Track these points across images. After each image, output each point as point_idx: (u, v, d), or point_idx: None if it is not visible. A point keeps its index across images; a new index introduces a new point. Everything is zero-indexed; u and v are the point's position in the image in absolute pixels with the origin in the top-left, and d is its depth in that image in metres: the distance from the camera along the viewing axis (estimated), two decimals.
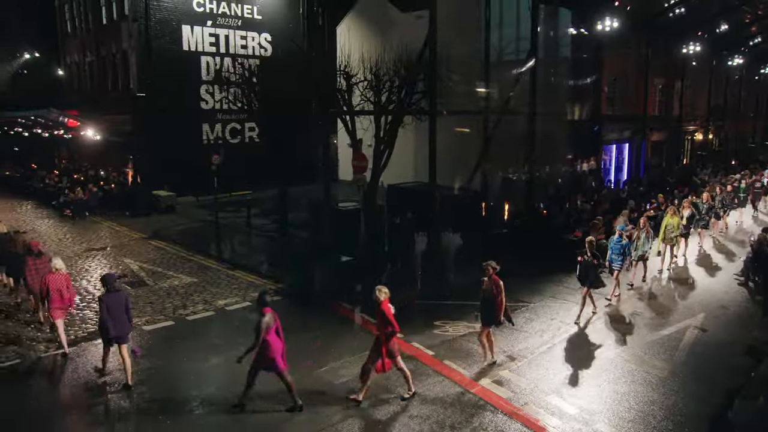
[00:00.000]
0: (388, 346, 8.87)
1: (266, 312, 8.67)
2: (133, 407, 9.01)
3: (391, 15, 28.09)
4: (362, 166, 15.21)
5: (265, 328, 8.52)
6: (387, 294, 9.04)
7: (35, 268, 11.91)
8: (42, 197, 29.05)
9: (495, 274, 10.25)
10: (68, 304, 10.89)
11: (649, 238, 14.33)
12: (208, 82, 28.69)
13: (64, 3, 35.00)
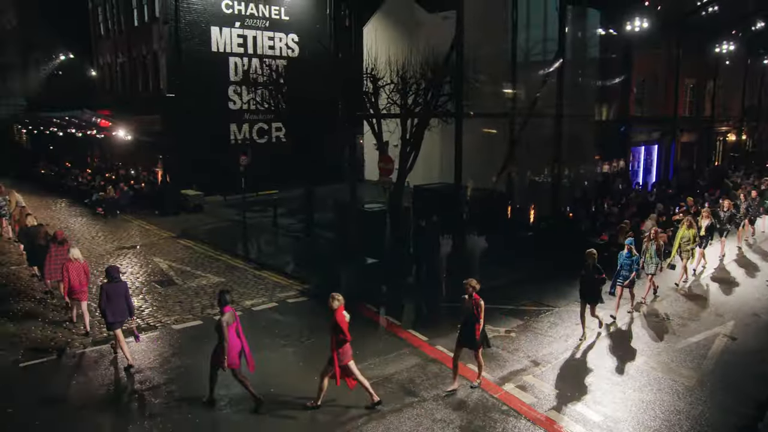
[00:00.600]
0: (338, 353, 8.77)
1: (226, 311, 8.91)
2: (163, 405, 9.22)
3: (418, 15, 28.11)
4: (388, 168, 15.29)
5: (225, 326, 8.74)
6: (341, 302, 8.97)
7: (55, 255, 12.91)
8: (75, 195, 29.75)
9: (476, 293, 9.38)
10: (85, 289, 11.84)
11: (660, 254, 13.52)
12: (236, 82, 29.05)
13: (97, 5, 35.77)
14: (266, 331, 12.03)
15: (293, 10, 30.61)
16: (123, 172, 31.26)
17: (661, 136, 30.25)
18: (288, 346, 11.40)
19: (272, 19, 30.03)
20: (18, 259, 17.42)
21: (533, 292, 13.81)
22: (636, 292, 13.11)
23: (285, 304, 13.72)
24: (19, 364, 10.67)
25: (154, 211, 25.54)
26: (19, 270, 16.57)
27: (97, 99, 37.40)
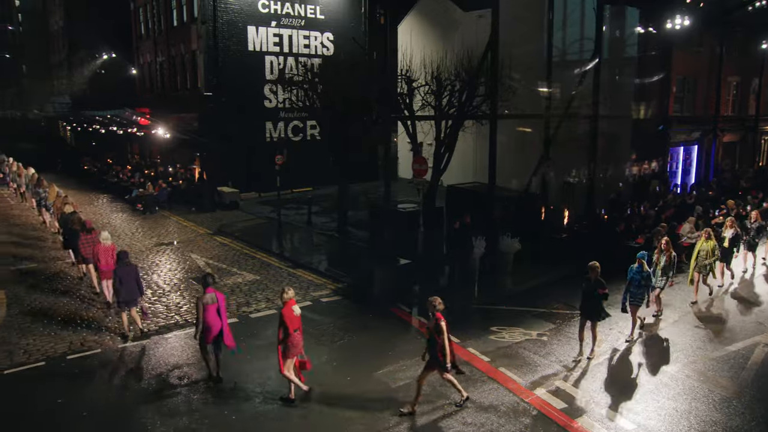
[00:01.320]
0: (285, 345, 9.11)
1: (207, 292, 9.81)
2: (200, 401, 9.50)
3: (453, 14, 28.02)
4: (422, 169, 15.34)
5: (204, 305, 9.68)
6: (291, 296, 9.34)
7: (87, 242, 14.24)
8: (116, 191, 30.64)
9: (439, 312, 8.81)
10: (111, 268, 12.46)
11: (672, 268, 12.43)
12: (271, 81, 29.42)
13: (139, 7, 36.63)
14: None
15: (329, 8, 30.84)
16: (161, 169, 32.03)
17: (702, 135, 29.52)
18: (322, 345, 11.58)
19: (308, 18, 30.31)
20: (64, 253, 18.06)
21: (566, 296, 13.70)
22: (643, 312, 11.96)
23: (319, 303, 13.93)
24: (66, 356, 11.13)
25: (191, 207, 26.14)
26: (63, 261, 17.22)
27: (137, 97, 38.36)
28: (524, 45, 23.48)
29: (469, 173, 24.74)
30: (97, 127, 38.32)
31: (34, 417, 9.08)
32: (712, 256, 13.45)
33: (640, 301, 11.39)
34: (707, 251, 13.41)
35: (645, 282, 11.32)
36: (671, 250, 12.48)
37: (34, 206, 24.75)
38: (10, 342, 11.82)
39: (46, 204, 21.86)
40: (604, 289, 10.36)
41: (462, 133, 16.57)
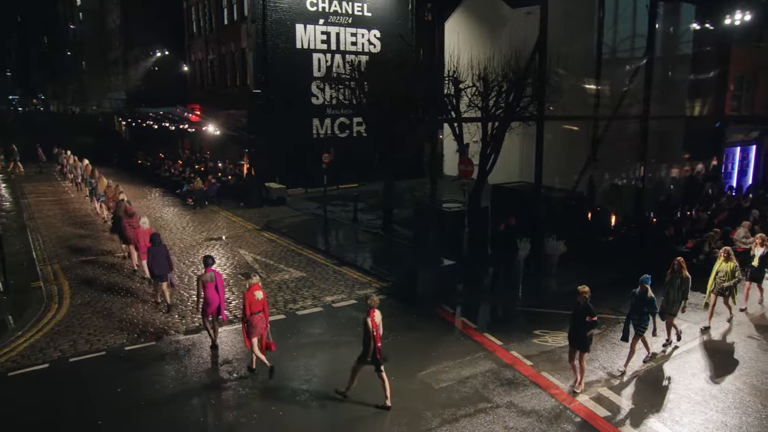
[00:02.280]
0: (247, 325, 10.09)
1: (208, 271, 11.21)
2: (248, 396, 9.87)
3: (501, 11, 27.81)
4: (468, 170, 15.38)
5: (203, 282, 11.09)
6: (256, 281, 10.27)
7: (129, 226, 16.12)
8: (168, 185, 31.65)
9: (372, 308, 9.26)
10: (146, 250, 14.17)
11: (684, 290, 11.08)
12: (319, 78, 29.82)
13: (191, 5, 37.61)
14: (345, 329, 12.51)
15: (376, 6, 31.00)
16: (211, 164, 32.87)
17: (761, 135, 28.45)
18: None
19: (355, 16, 30.55)
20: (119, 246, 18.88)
21: (611, 301, 13.54)
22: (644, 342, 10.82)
23: (364, 302, 14.13)
24: (124, 347, 11.71)
25: (239, 202, 26.80)
26: (116, 255, 17.99)
27: (188, 93, 39.45)
28: (573, 42, 23.16)
29: (515, 172, 24.60)
30: (150, 123, 39.58)
31: (97, 404, 9.60)
32: (732, 278, 12.13)
33: (643, 330, 10.42)
34: (726, 272, 12.13)
35: (648, 309, 10.30)
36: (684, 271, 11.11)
37: (88, 194, 27.11)
38: (73, 331, 12.49)
39: (97, 193, 23.71)
40: (593, 316, 9.45)
41: (508, 133, 16.52)
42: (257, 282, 10.34)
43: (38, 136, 47.77)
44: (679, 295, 11.10)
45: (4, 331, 12.54)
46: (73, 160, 32.75)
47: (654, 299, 10.32)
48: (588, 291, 9.56)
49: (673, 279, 11.21)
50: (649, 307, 10.31)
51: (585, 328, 9.50)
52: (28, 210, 26.05)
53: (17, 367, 10.90)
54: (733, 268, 12.13)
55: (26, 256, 18.40)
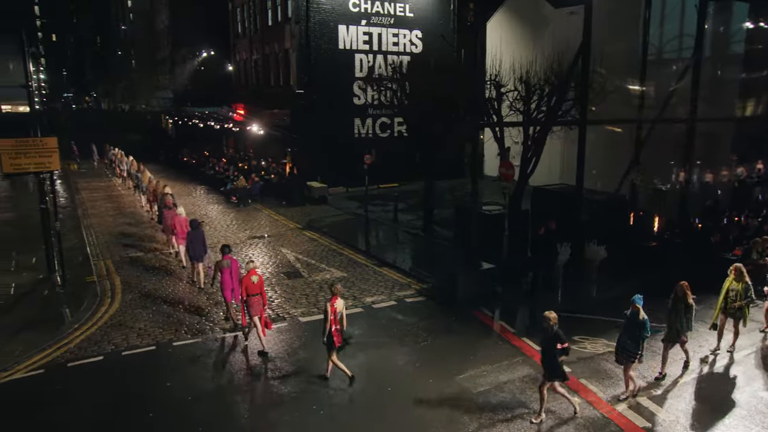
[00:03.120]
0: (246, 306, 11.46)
1: (225, 258, 12.63)
2: (290, 395, 10.19)
3: (543, 11, 27.56)
4: (509, 173, 15.39)
5: (220, 267, 12.58)
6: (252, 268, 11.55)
7: (169, 215, 17.83)
8: (212, 183, 32.48)
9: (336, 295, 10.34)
10: (183, 236, 16.20)
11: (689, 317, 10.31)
12: (360, 78, 30.12)
13: (236, 7, 38.43)
14: (385, 330, 12.75)
15: (418, 6, 31.10)
16: (255, 163, 33.55)
17: None
18: (405, 346, 12.01)
19: (397, 16, 30.72)
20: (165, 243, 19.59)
21: (653, 309, 13.26)
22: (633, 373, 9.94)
23: (403, 303, 14.38)
24: (173, 342, 12.21)
25: (281, 201, 27.34)
26: (164, 252, 18.66)
27: (233, 93, 40.34)
28: (617, 42, 22.86)
29: (556, 173, 24.38)
30: (196, 122, 40.63)
31: (147, 398, 10.09)
32: (744, 298, 11.10)
33: (631, 356, 9.48)
34: (737, 292, 11.08)
35: (639, 332, 9.34)
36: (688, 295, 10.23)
37: (132, 187, 29.65)
38: (125, 326, 13.09)
39: (141, 186, 25.78)
40: (563, 343, 8.88)
41: (549, 136, 16.46)
42: (254, 268, 11.63)
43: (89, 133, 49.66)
44: (684, 325, 10.26)
45: (62, 324, 13.23)
46: (120, 155, 35.12)
47: (646, 322, 9.31)
48: (555, 318, 9.01)
49: (676, 305, 10.28)
50: (640, 330, 9.33)
51: (554, 355, 8.95)
52: (82, 206, 27.17)
53: (75, 358, 11.52)
54: (745, 287, 11.08)
55: (81, 251, 19.25)
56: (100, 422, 9.46)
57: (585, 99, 15.35)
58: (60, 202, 27.82)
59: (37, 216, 18.46)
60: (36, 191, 17.54)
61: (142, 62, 71.69)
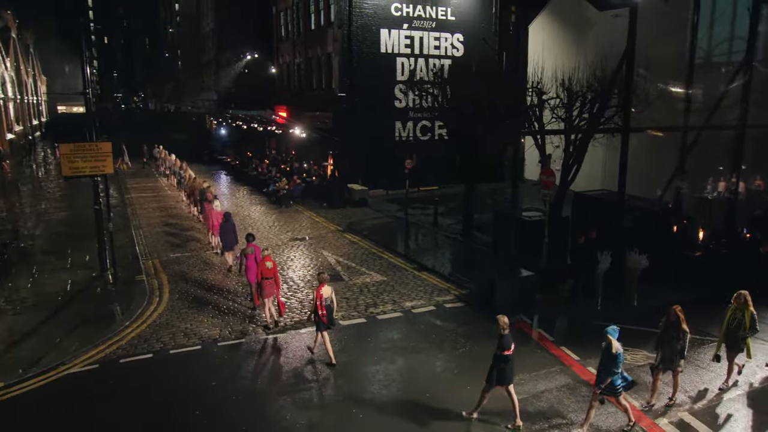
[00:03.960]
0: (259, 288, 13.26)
1: (249, 246, 14.19)
2: (330, 397, 10.47)
3: (587, 13, 27.25)
4: (550, 181, 15.35)
5: (245, 254, 14.17)
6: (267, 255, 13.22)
7: (207, 208, 19.93)
8: (255, 184, 33.18)
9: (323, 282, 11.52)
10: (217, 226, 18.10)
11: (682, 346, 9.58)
12: (402, 82, 30.31)
13: (280, 11, 39.13)
14: (424, 335, 12.91)
15: (459, 9, 31.12)
16: (296, 164, 34.12)
17: None
18: (444, 352, 12.14)
19: (439, 20, 30.81)
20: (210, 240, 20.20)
21: (696, 320, 13.04)
22: None
23: (442, 309, 14.52)
24: (217, 342, 12.65)
25: (322, 203, 27.75)
26: (209, 251, 19.22)
27: (275, 95, 41.07)
28: (663, 45, 22.44)
29: (597, 179, 24.11)
30: (239, 123, 41.52)
31: (194, 395, 10.50)
32: (749, 328, 10.20)
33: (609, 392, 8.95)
34: (741, 322, 10.22)
35: (614, 367, 8.76)
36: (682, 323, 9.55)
37: (175, 184, 31.99)
38: (172, 325, 13.60)
39: (183, 183, 27.92)
40: (503, 350, 8.93)
41: (591, 143, 16.34)
42: (268, 255, 13.24)
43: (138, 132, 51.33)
44: (677, 353, 9.64)
45: (113, 321, 13.83)
46: (164, 154, 37.73)
47: (619, 356, 8.73)
48: (505, 323, 9.10)
49: (668, 330, 9.70)
50: (611, 365, 8.78)
51: (496, 361, 9.16)
52: (131, 205, 28.15)
53: (127, 355, 12.06)
54: (751, 316, 10.18)
55: (131, 250, 20.00)
56: (151, 418, 9.89)
57: (628, 106, 15.16)
58: (111, 202, 29.01)
59: (88, 215, 19.48)
60: (87, 190, 18.36)
61: (188, 64, 73.61)
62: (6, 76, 43.34)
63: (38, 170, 41.43)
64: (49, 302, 14.99)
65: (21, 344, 12.58)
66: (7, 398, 10.43)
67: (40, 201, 29.64)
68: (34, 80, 67.46)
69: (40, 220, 24.97)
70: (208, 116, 56.96)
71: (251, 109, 42.41)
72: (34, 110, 65.67)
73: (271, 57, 42.40)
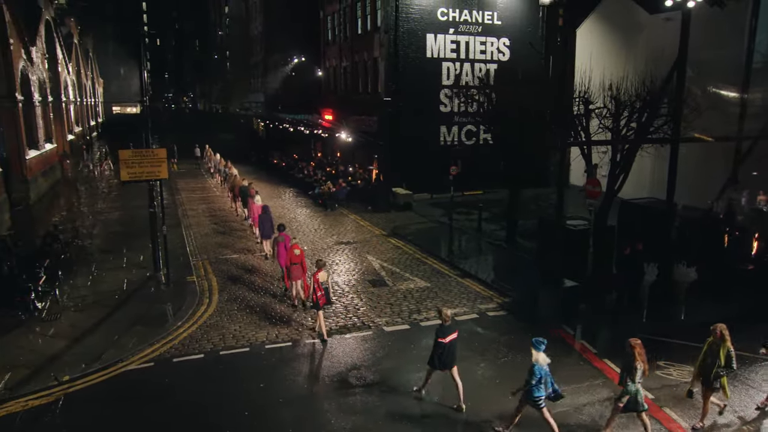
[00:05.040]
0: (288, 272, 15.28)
1: (281, 234, 16.51)
2: (374, 403, 10.72)
3: (637, 17, 26.76)
4: (595, 191, 15.23)
5: (277, 242, 16.74)
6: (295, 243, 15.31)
7: (249, 203, 22.48)
8: (300, 186, 33.80)
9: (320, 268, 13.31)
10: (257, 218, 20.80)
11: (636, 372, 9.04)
12: (447, 86, 30.40)
13: (327, 15, 39.70)
14: (466, 343, 12.97)
15: (506, 14, 30.98)
16: (342, 168, 34.60)
17: None
18: (486, 361, 12.27)
19: (485, 24, 30.74)
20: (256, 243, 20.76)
21: (748, 336, 12.81)
22: None
23: (485, 317, 14.61)
24: (264, 345, 13.08)
25: (367, 206, 28.10)
26: (256, 254, 19.77)
27: (321, 98, 41.68)
28: (716, 49, 21.91)
29: (645, 186, 23.71)
30: (286, 125, 42.33)
31: (242, 396, 10.92)
32: (724, 366, 9.51)
33: (530, 404, 9.14)
34: (718, 357, 9.54)
35: (529, 378, 8.99)
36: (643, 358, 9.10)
37: (220, 182, 34.52)
38: (222, 326, 14.12)
39: (228, 180, 30.06)
40: (443, 338, 9.86)
41: (639, 153, 16.13)
42: (296, 243, 15.24)
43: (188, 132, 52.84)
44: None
45: (166, 321, 14.45)
46: (210, 153, 41.10)
47: (534, 367, 8.93)
48: (449, 315, 10.33)
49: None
50: (528, 375, 9.01)
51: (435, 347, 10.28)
52: (182, 206, 29.13)
53: (179, 354, 12.61)
54: (727, 352, 9.54)
55: (182, 250, 20.74)
56: (202, 418, 10.34)
57: (679, 116, 14.93)
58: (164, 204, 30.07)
59: (142, 214, 20.41)
60: (139, 190, 19.19)
61: (236, 66, 75.29)
62: (68, 81, 45.30)
63: (94, 170, 43.15)
64: (107, 300, 15.76)
65: (82, 340, 13.29)
66: (72, 391, 11.09)
67: (96, 200, 30.97)
68: (92, 83, 70.18)
69: (97, 219, 26.12)
70: (256, 118, 58.16)
71: (298, 111, 43.15)
72: (92, 111, 68.27)
73: (317, 60, 43.04)
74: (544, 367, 9.02)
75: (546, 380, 9.06)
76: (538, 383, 8.99)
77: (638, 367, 8.99)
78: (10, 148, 26.05)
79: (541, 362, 9.00)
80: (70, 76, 46.51)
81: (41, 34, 33.27)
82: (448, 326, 10.23)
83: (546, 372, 9.04)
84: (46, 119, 32.68)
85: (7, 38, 24.09)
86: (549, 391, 9.17)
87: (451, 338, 10.17)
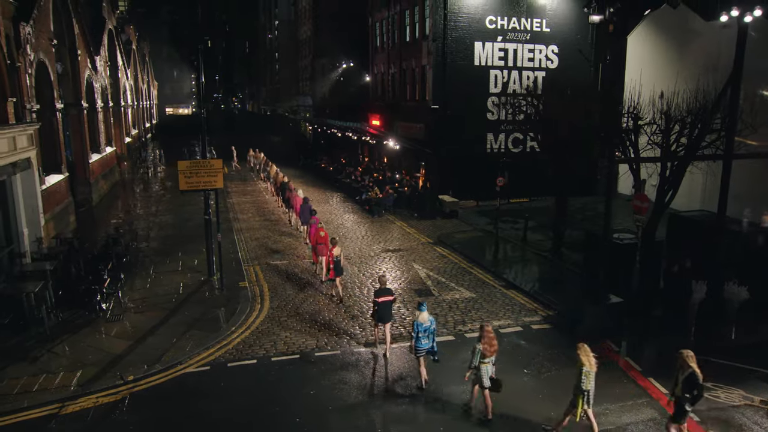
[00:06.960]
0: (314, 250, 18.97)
1: (312, 218, 20.20)
2: (419, 413, 11.07)
3: (692, 24, 26.17)
4: (643, 206, 15.18)
5: (309, 225, 20.02)
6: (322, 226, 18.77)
7: (291, 196, 25.37)
8: (348, 191, 34.39)
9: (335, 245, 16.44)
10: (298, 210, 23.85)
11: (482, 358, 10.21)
12: (495, 94, 30.43)
13: (376, 22, 40.20)
14: (510, 356, 13.21)
15: (555, 21, 30.80)
16: (389, 174, 35.03)
17: None
18: (529, 375, 12.47)
19: (533, 32, 30.64)
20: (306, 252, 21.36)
21: None
22: None
23: (529, 330, 14.77)
24: (314, 352, 13.59)
25: (413, 213, 28.44)
26: (305, 260, 20.36)
27: (369, 104, 42.22)
28: None
29: (696, 199, 23.29)
30: (334, 131, 43.08)
31: (294, 403, 11.44)
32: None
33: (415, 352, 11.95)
34: (587, 374, 9.58)
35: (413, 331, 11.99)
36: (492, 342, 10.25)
37: (263, 179, 37.61)
38: (273, 333, 14.71)
39: (270, 178, 33.76)
40: (377, 297, 13.32)
41: (689, 169, 15.97)
42: (322, 226, 18.68)
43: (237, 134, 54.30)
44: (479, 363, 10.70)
45: (221, 326, 15.13)
46: (254, 153, 44.84)
47: (414, 324, 11.84)
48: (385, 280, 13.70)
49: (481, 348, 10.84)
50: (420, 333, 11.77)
51: None
52: (233, 210, 30.08)
53: (234, 359, 13.25)
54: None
55: (234, 255, 21.53)
56: (257, 422, 10.91)
57: (732, 132, 14.73)
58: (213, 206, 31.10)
59: (196, 218, 21.35)
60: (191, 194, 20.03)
61: (285, 69, 76.71)
62: (127, 85, 47.26)
63: (148, 171, 44.90)
64: (165, 303, 16.62)
65: (143, 341, 14.11)
66: (136, 391, 11.84)
67: (150, 203, 32.28)
68: (148, 86, 72.78)
69: (153, 221, 27.30)
70: (304, 122, 59.21)
71: (345, 116, 43.84)
72: (147, 114, 70.82)
73: (365, 66, 43.61)
74: (424, 324, 11.63)
75: (429, 335, 11.72)
76: (418, 336, 11.57)
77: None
78: (75, 152, 27.56)
79: (420, 320, 11.63)
80: (128, 81, 48.51)
81: (104, 43, 34.90)
82: (383, 289, 13.36)
83: (425, 327, 11.63)
84: (107, 124, 34.32)
85: (75, 50, 25.46)
86: (430, 346, 11.74)
87: (382, 300, 13.11)
